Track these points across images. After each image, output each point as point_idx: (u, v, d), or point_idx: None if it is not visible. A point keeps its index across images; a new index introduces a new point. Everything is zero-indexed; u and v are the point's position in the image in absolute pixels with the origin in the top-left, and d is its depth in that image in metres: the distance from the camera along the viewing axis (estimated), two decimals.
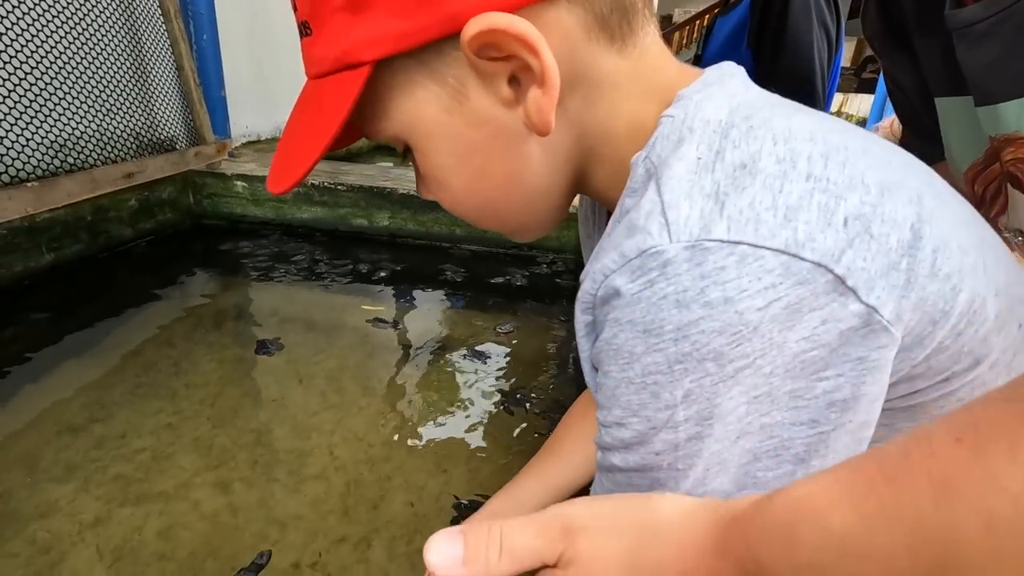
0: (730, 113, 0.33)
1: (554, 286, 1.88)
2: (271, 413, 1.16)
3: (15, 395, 1.13)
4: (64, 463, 0.97)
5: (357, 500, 0.94)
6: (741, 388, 0.28)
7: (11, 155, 1.51)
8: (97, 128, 1.78)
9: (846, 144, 0.32)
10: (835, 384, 0.29)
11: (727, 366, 0.28)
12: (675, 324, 0.28)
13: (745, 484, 0.30)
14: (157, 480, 0.96)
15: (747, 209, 0.28)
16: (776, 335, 0.28)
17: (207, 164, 2.17)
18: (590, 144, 0.37)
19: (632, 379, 0.30)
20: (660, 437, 0.30)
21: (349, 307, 1.66)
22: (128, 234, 1.89)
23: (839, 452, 0.31)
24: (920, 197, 0.31)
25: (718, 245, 0.28)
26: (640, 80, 0.36)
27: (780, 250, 0.28)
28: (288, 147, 0.37)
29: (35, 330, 1.38)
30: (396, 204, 2.09)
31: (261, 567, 0.82)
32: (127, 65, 1.90)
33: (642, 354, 0.29)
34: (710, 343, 0.28)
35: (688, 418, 0.29)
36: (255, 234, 2.12)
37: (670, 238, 0.28)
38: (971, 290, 0.31)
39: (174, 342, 1.38)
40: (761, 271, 0.27)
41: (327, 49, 0.34)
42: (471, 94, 0.34)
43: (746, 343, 0.28)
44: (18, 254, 1.54)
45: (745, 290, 0.27)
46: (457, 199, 0.39)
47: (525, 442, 1.11)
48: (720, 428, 0.29)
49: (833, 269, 0.28)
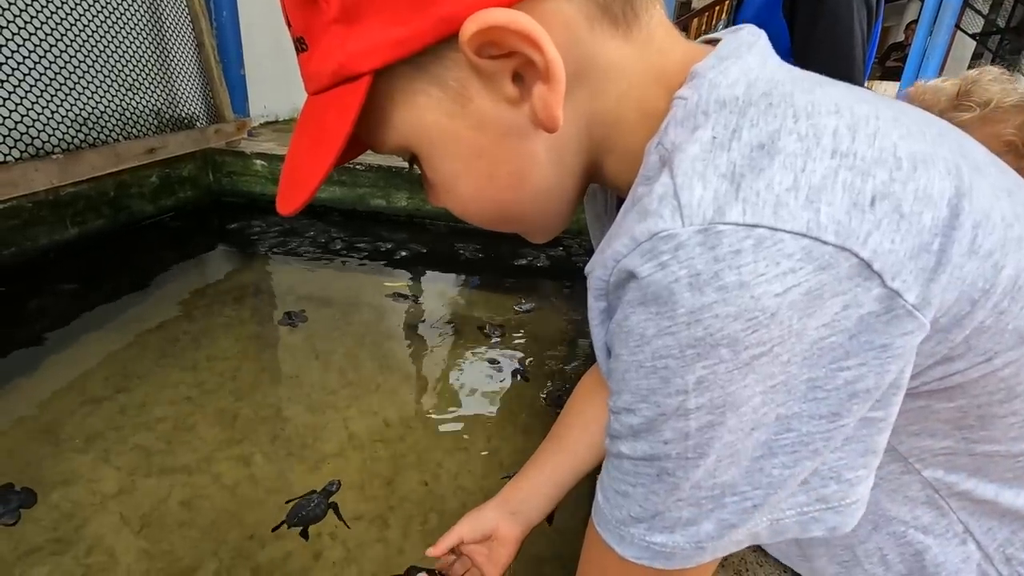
0: (747, 89, 0.31)
1: (572, 267, 1.87)
2: (290, 389, 1.16)
3: (39, 365, 1.15)
4: (87, 433, 0.99)
5: (372, 476, 0.95)
6: (757, 377, 0.27)
7: (36, 128, 1.52)
8: (119, 104, 1.79)
9: (876, 114, 0.30)
10: (857, 374, 0.27)
11: (742, 353, 0.27)
12: (688, 307, 0.27)
13: (759, 482, 0.29)
14: (180, 452, 0.97)
15: (764, 191, 0.27)
16: (795, 322, 0.26)
17: (227, 142, 2.17)
18: (600, 135, 0.36)
19: (642, 363, 0.29)
20: (670, 425, 0.29)
21: (367, 286, 1.66)
22: (150, 210, 1.91)
23: (858, 446, 0.30)
24: (958, 168, 0.29)
25: (733, 228, 0.26)
26: (648, 65, 0.34)
27: (801, 233, 0.26)
28: (294, 165, 0.37)
29: (59, 302, 1.40)
30: (415, 184, 2.08)
31: (331, 494, 0.89)
32: (148, 40, 1.90)
33: (653, 337, 0.28)
34: (724, 328, 0.26)
35: (700, 406, 0.28)
36: (274, 213, 2.12)
37: (682, 222, 0.27)
38: (1016, 265, 0.29)
39: (194, 317, 1.39)
40: (779, 255, 0.26)
41: (324, 63, 0.33)
42: (474, 96, 0.32)
43: (763, 330, 0.26)
44: (43, 227, 1.56)
45: (762, 275, 0.26)
46: (467, 204, 0.38)
47: (544, 422, 1.10)
48: (734, 419, 0.28)
49: (858, 253, 0.26)
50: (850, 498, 0.31)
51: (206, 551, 0.80)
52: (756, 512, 0.30)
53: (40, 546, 0.78)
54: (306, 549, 0.82)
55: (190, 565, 0.78)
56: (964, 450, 0.37)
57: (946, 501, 0.39)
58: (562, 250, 1.98)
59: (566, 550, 0.84)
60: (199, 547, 0.80)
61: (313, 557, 0.80)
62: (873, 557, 0.42)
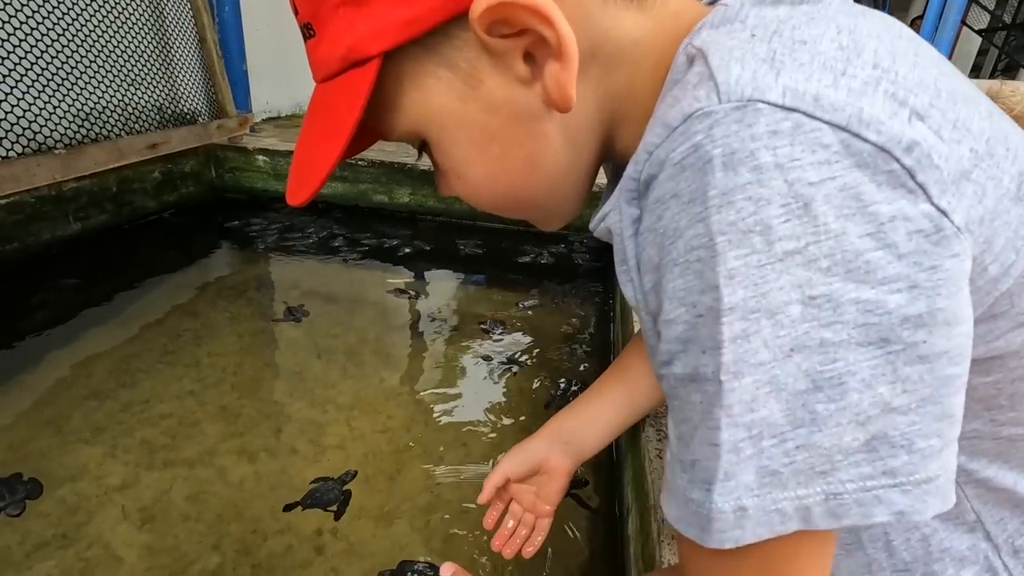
0: (791, 7, 0.30)
1: (575, 264, 1.86)
2: (292, 384, 1.17)
3: (43, 360, 1.15)
4: (92, 426, 0.99)
5: (374, 471, 0.95)
6: (792, 279, 0.25)
7: (38, 123, 1.52)
8: (121, 99, 1.79)
9: (915, 51, 0.29)
10: (909, 297, 0.25)
11: (775, 244, 0.25)
12: (720, 189, 0.25)
13: (801, 420, 0.26)
14: (183, 446, 0.97)
15: (804, 82, 0.25)
16: (832, 221, 0.24)
17: (229, 138, 2.17)
18: (613, 109, 0.35)
19: (676, 260, 0.27)
20: (705, 331, 0.27)
21: (369, 282, 1.66)
22: (152, 206, 1.91)
23: (934, 408, 0.26)
24: (997, 115, 0.29)
25: (771, 108, 0.25)
26: (663, 33, 0.33)
27: (840, 126, 0.24)
28: (303, 155, 0.36)
29: (62, 297, 1.40)
30: (416, 180, 2.07)
31: (346, 482, 0.91)
32: (150, 35, 1.90)
33: (685, 228, 0.26)
34: (757, 213, 0.25)
35: (733, 307, 0.25)
36: (276, 209, 2.12)
37: (719, 99, 0.25)
38: None
39: (197, 312, 1.39)
40: (816, 144, 0.24)
41: (332, 48, 0.32)
42: (485, 77, 0.32)
43: (795, 220, 0.24)
44: (46, 222, 1.56)
45: (797, 159, 0.24)
46: (478, 190, 0.37)
47: (546, 418, 1.10)
48: (769, 327, 0.25)
49: (901, 159, 0.24)
50: (920, 473, 0.26)
51: (208, 545, 0.80)
52: (798, 457, 0.26)
53: (47, 540, 0.78)
54: (308, 543, 0.82)
55: (193, 559, 0.78)
56: (989, 433, 0.36)
57: (962, 488, 0.38)
58: (564, 247, 1.98)
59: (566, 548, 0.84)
60: (202, 541, 0.81)
61: (315, 551, 0.81)
62: (878, 541, 0.41)
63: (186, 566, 0.77)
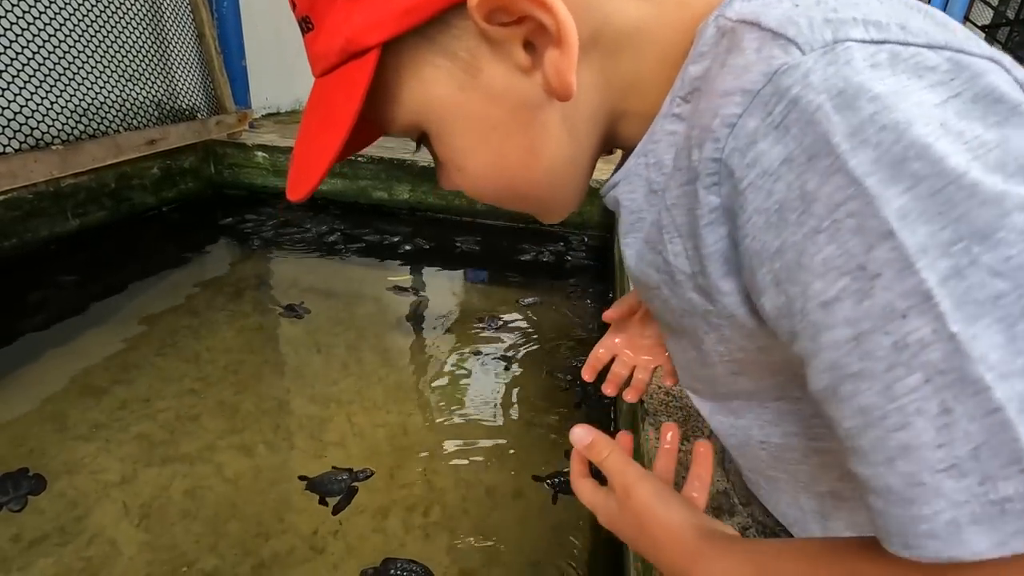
0: None
1: (575, 262, 1.86)
2: (292, 381, 1.16)
3: (42, 356, 1.15)
4: (90, 423, 0.99)
5: (374, 468, 0.95)
6: (986, 195, 0.20)
7: (35, 119, 1.52)
8: (119, 95, 1.78)
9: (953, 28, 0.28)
10: None
11: (943, 162, 0.21)
12: (845, 130, 0.22)
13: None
14: (182, 442, 0.97)
15: (883, 16, 0.24)
16: (983, 132, 0.21)
17: (228, 134, 2.16)
18: (616, 97, 0.35)
19: (819, 227, 0.23)
20: (898, 287, 0.21)
21: (369, 278, 1.66)
22: (151, 202, 1.91)
23: None
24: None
25: (860, 44, 0.23)
26: (668, 20, 0.33)
27: (940, 46, 0.23)
28: (303, 150, 0.36)
29: (61, 294, 1.40)
30: (416, 177, 2.07)
31: (359, 480, 0.91)
32: (148, 31, 1.89)
33: (817, 188, 0.23)
34: (902, 137, 0.21)
35: (924, 247, 0.21)
36: (275, 205, 2.12)
37: (801, 50, 0.23)
38: None
39: (196, 309, 1.39)
40: (922, 68, 0.22)
41: (330, 40, 0.32)
42: (484, 66, 0.31)
43: (946, 138, 0.21)
44: (44, 219, 1.55)
45: (907, 85, 0.22)
46: (478, 182, 0.37)
47: (546, 416, 1.10)
48: (987, 252, 0.20)
49: (1011, 70, 0.23)
50: None
51: (206, 545, 0.80)
52: None
53: (46, 536, 0.78)
54: (307, 541, 0.82)
55: (191, 558, 0.78)
56: None
57: None
58: (563, 245, 1.97)
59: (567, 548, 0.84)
60: (200, 540, 0.80)
61: (314, 549, 0.81)
62: None
63: (185, 565, 0.77)
